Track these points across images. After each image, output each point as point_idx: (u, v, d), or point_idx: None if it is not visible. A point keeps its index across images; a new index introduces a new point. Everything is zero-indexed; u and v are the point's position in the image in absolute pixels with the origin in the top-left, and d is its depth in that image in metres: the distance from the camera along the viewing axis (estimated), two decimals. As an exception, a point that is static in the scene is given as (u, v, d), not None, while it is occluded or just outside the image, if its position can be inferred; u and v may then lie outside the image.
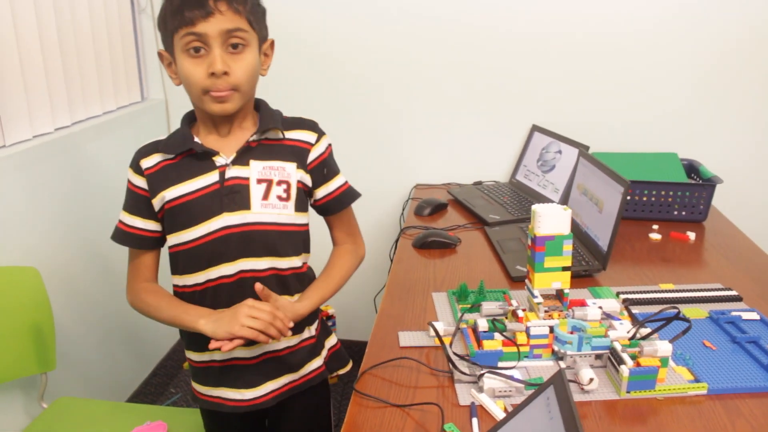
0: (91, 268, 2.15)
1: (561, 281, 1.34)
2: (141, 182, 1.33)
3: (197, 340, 1.35)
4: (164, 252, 1.41)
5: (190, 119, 1.38)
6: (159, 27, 1.28)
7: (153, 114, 2.56)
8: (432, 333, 1.38)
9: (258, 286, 1.28)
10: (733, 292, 1.59)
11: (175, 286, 1.38)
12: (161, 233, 1.37)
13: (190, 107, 1.36)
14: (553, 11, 2.32)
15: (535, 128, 2.42)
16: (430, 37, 2.41)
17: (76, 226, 2.07)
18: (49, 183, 1.93)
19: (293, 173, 1.34)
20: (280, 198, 1.32)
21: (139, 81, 2.53)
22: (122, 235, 1.37)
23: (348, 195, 1.45)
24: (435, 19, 2.38)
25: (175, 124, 2.49)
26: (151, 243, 1.38)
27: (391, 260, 1.91)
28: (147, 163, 1.33)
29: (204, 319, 1.27)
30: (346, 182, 1.45)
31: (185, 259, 1.34)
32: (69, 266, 2.03)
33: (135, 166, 1.34)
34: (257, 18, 1.28)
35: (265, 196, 1.31)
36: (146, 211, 1.34)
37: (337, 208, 1.44)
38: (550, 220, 1.30)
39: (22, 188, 1.83)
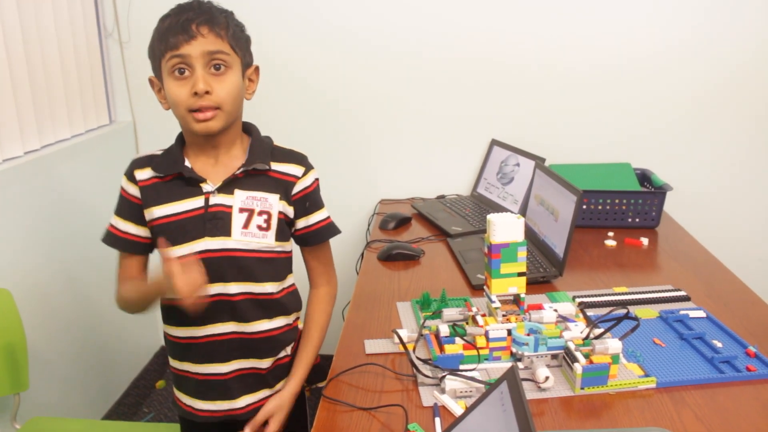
0: (63, 288, 2.17)
1: (517, 286, 1.41)
2: (134, 191, 1.38)
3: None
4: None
5: (183, 139, 1.42)
6: (149, 56, 1.34)
7: (121, 136, 2.58)
8: (396, 340, 1.43)
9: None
10: (682, 293, 1.68)
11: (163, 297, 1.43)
12: (151, 240, 1.41)
13: (157, 129, 1.41)
14: (509, 33, 2.41)
15: (495, 142, 2.50)
16: (394, 58, 2.48)
17: (48, 247, 2.09)
18: (20, 206, 1.96)
19: (275, 204, 1.38)
20: (260, 227, 1.37)
21: (107, 104, 2.55)
22: (113, 239, 1.41)
23: (327, 230, 1.48)
24: (397, 40, 2.46)
25: (144, 146, 2.56)
26: (141, 248, 1.42)
27: (358, 273, 1.97)
28: (140, 175, 1.37)
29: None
30: (328, 217, 1.48)
31: None
32: (41, 287, 2.05)
33: (129, 175, 1.38)
34: (239, 44, 1.33)
35: (246, 225, 1.36)
36: (139, 218, 1.39)
37: (314, 241, 1.48)
38: (505, 228, 1.37)
39: (-7, 212, 1.86)
